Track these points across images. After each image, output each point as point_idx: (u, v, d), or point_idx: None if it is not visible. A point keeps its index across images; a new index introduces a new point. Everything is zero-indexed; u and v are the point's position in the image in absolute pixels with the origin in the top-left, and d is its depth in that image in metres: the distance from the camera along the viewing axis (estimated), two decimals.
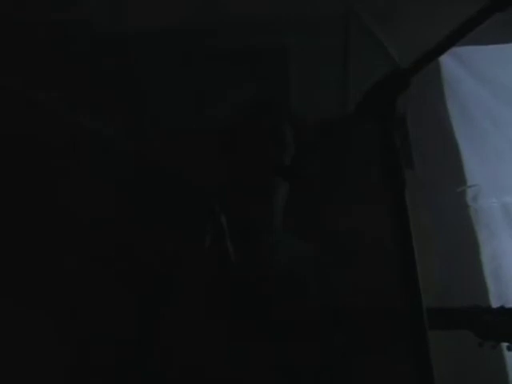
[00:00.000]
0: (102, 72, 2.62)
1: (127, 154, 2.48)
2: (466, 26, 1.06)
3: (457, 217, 2.66)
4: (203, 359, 1.75)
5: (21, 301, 2.21)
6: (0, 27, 2.46)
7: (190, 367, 1.75)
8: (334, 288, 1.95)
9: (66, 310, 1.90)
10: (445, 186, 2.68)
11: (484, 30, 1.05)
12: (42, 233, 2.34)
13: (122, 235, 1.89)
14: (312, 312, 1.83)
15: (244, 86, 2.65)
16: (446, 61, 2.69)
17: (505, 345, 1.77)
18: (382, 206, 1.15)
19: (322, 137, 2.61)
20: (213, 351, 1.75)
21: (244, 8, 2.68)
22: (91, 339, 1.76)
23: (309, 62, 2.77)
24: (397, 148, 1.12)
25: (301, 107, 2.70)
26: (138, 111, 2.61)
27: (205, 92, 2.64)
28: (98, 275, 1.83)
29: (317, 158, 2.53)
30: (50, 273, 2.17)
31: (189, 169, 2.22)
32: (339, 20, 2.77)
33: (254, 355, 1.77)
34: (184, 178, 2.20)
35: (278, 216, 1.97)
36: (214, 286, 1.81)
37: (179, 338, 1.76)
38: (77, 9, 2.62)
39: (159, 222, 1.95)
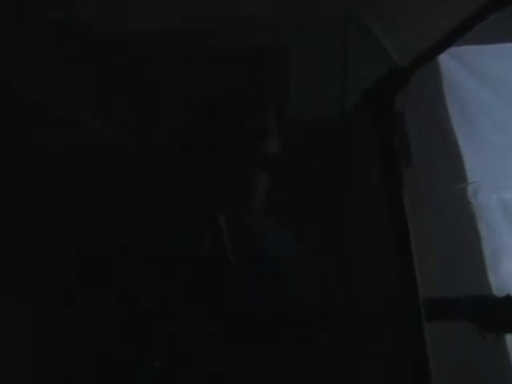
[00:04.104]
0: (102, 72, 2.62)
1: (126, 153, 2.48)
2: (465, 24, 1.06)
3: (457, 213, 2.65)
4: (202, 358, 1.75)
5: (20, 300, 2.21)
6: (0, 27, 2.46)
7: (188, 366, 1.75)
8: (333, 288, 1.95)
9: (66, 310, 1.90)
10: (444, 183, 2.68)
11: (483, 29, 1.05)
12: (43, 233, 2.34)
13: (121, 235, 1.89)
14: (311, 312, 1.83)
15: (244, 86, 2.65)
16: (446, 60, 2.69)
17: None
18: (382, 205, 1.15)
19: (321, 137, 2.62)
20: (211, 350, 1.76)
21: (244, 8, 2.68)
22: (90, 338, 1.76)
23: (309, 62, 2.78)
24: (396, 146, 1.12)
25: (301, 107, 2.70)
26: (138, 111, 2.61)
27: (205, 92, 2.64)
28: (97, 275, 1.83)
29: (317, 157, 2.54)
30: (48, 271, 2.17)
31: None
32: (339, 20, 2.77)
33: (254, 354, 1.77)
34: (183, 177, 2.20)
35: (258, 206, 1.95)
36: (212, 285, 1.81)
37: (178, 337, 1.76)
38: (77, 9, 2.63)
39: (158, 221, 1.95)
